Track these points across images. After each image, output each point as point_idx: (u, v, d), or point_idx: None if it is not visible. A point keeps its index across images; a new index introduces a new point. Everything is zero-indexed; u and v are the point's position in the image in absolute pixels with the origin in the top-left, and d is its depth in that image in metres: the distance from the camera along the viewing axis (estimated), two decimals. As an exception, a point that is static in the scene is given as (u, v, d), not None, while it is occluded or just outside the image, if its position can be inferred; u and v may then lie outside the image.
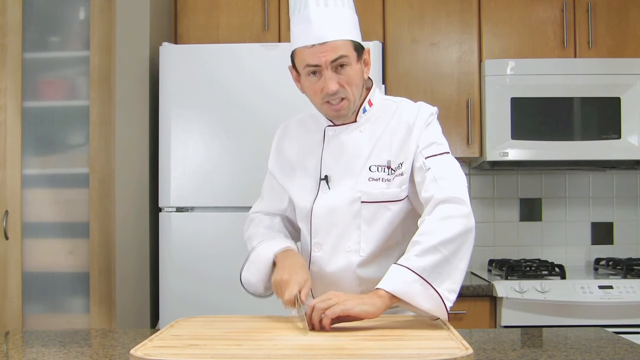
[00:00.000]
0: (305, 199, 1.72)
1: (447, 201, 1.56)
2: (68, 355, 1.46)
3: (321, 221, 1.68)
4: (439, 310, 1.50)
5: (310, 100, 1.70)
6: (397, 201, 1.67)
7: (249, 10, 3.16)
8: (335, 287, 1.67)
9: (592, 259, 3.38)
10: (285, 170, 1.79)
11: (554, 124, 3.03)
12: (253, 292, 1.77)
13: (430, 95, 3.12)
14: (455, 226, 1.53)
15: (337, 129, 1.72)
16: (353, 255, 1.67)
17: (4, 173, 2.93)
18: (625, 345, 1.51)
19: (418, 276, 1.49)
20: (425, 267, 1.50)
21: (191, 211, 2.76)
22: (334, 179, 1.69)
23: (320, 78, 1.60)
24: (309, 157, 1.75)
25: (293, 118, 1.85)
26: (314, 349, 1.31)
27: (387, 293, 1.48)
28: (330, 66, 1.58)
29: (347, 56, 1.60)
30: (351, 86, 1.62)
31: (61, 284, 2.96)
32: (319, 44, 1.57)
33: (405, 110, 1.72)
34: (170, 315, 2.64)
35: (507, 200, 3.45)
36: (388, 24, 3.17)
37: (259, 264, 1.72)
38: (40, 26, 3.00)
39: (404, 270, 1.50)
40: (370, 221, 1.67)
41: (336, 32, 1.59)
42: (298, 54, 1.63)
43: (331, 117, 1.68)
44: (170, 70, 2.77)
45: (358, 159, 1.69)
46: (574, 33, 3.14)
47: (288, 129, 1.84)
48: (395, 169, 1.67)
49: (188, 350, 1.33)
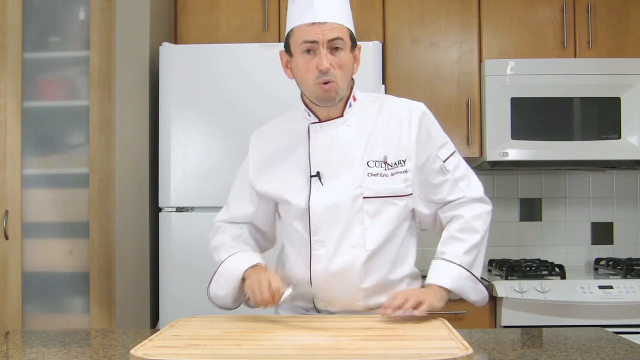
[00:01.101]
0: (297, 197, 1.70)
1: (478, 200, 1.77)
2: (68, 355, 1.46)
3: (322, 218, 1.67)
4: (484, 301, 1.75)
5: (300, 84, 1.70)
6: (403, 196, 1.70)
7: (249, 10, 3.16)
8: (340, 284, 1.68)
9: (592, 259, 3.38)
10: (268, 173, 1.76)
11: (554, 124, 3.03)
12: (220, 305, 1.78)
13: (430, 95, 3.12)
14: (485, 225, 1.77)
15: (324, 125, 1.72)
16: (359, 250, 1.67)
17: (4, 173, 2.93)
18: (625, 345, 1.51)
19: (469, 272, 1.70)
20: (471, 263, 1.71)
21: (191, 211, 2.76)
22: (327, 174, 1.69)
23: (314, 57, 1.63)
24: (293, 156, 1.74)
25: (264, 124, 1.85)
26: (314, 349, 1.31)
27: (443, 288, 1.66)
28: (326, 45, 1.61)
29: (343, 40, 1.64)
30: (342, 70, 1.64)
31: (61, 284, 2.96)
32: (319, 23, 1.61)
33: (395, 105, 1.76)
34: (170, 315, 2.64)
35: (507, 200, 3.45)
36: (388, 24, 3.17)
37: (228, 279, 1.72)
38: (40, 26, 3.00)
39: (457, 268, 1.69)
40: (374, 216, 1.68)
41: (336, 16, 1.64)
42: (295, 32, 1.65)
43: (320, 98, 1.66)
44: (170, 70, 2.77)
45: (351, 154, 1.69)
46: (574, 33, 3.14)
47: (264, 133, 1.83)
48: (392, 165, 1.69)
49: (188, 350, 1.33)
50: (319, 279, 1.70)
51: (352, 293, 1.69)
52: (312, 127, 1.72)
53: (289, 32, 1.68)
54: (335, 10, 1.64)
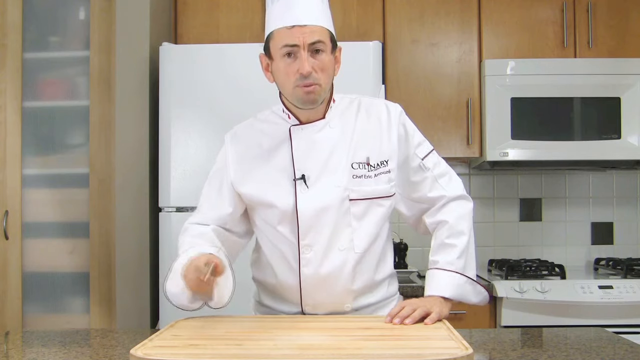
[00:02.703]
0: (283, 200, 1.66)
1: (458, 198, 1.77)
2: (68, 355, 1.46)
3: (310, 222, 1.65)
4: (485, 300, 1.76)
5: (280, 87, 1.68)
6: (388, 197, 1.70)
7: (249, 10, 3.16)
8: (330, 286, 1.67)
9: (592, 259, 3.38)
10: (250, 175, 1.72)
11: (554, 124, 3.03)
12: (177, 304, 1.65)
13: (430, 95, 3.12)
14: (469, 223, 1.76)
15: (305, 127, 1.70)
16: (348, 252, 1.67)
17: (4, 173, 2.93)
18: (625, 345, 1.51)
19: (466, 277, 1.71)
20: (465, 266, 1.71)
21: (191, 211, 2.74)
22: (312, 177, 1.67)
23: (295, 60, 1.61)
24: (275, 159, 1.70)
25: (237, 126, 1.82)
26: (314, 349, 1.31)
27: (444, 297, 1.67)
28: (307, 48, 1.60)
29: (324, 42, 1.62)
30: (324, 73, 1.63)
31: (61, 284, 2.96)
32: (299, 26, 1.59)
33: (372, 106, 1.75)
34: (170, 315, 2.64)
35: (507, 200, 3.45)
36: (388, 24, 3.17)
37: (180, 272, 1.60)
38: (40, 26, 3.00)
39: (453, 275, 1.70)
40: (361, 217, 1.67)
41: (316, 18, 1.62)
42: (275, 35, 1.63)
43: (302, 101, 1.64)
44: (170, 70, 2.76)
45: (334, 156, 1.68)
46: (574, 33, 3.14)
47: (239, 135, 1.79)
48: (375, 166, 1.68)
49: (188, 350, 1.33)
50: (308, 283, 1.68)
51: (342, 295, 1.69)
52: (294, 130, 1.70)
53: (269, 35, 1.66)
54: (315, 12, 1.62)
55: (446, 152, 3.07)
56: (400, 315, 1.57)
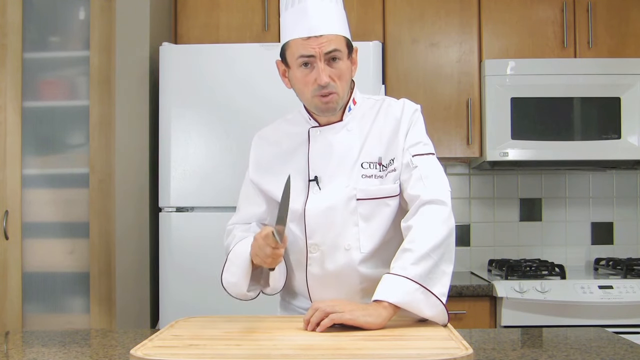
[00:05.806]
0: (295, 201, 1.68)
1: (431, 202, 1.61)
2: (68, 355, 1.46)
3: (317, 221, 1.67)
4: (441, 315, 1.53)
5: (298, 95, 1.70)
6: (395, 196, 1.69)
7: (249, 10, 3.16)
8: (337, 286, 1.68)
9: (592, 259, 3.38)
10: (269, 176, 1.76)
11: (554, 124, 3.03)
12: (236, 294, 1.71)
13: (430, 95, 3.12)
14: (441, 231, 1.58)
15: (323, 129, 1.71)
16: (354, 252, 1.67)
17: (4, 173, 2.93)
18: (625, 345, 1.51)
19: (418, 285, 1.51)
20: (422, 274, 1.52)
21: (191, 211, 2.76)
22: (325, 179, 1.68)
23: (312, 70, 1.62)
24: (293, 160, 1.73)
25: (265, 127, 1.85)
26: (314, 349, 1.31)
27: (390, 304, 1.49)
28: (323, 58, 1.60)
29: (340, 51, 1.62)
30: (341, 81, 1.64)
31: (61, 284, 2.96)
32: (315, 37, 1.60)
33: (391, 107, 1.75)
34: (170, 315, 2.64)
35: (507, 200, 3.45)
36: (388, 24, 3.17)
37: (238, 261, 1.68)
38: (40, 26, 3.00)
39: (404, 280, 1.51)
40: (368, 218, 1.67)
41: (331, 27, 1.62)
42: (292, 46, 1.63)
43: (320, 110, 1.66)
44: (170, 70, 2.77)
45: (348, 158, 1.69)
46: (574, 33, 3.14)
47: (264, 136, 1.83)
48: (386, 166, 1.68)
49: (188, 350, 1.33)
50: (315, 282, 1.70)
51: (349, 294, 1.69)
52: (312, 132, 1.72)
53: (285, 44, 1.66)
54: (330, 19, 1.62)
55: (446, 152, 3.07)
56: (312, 323, 1.48)
